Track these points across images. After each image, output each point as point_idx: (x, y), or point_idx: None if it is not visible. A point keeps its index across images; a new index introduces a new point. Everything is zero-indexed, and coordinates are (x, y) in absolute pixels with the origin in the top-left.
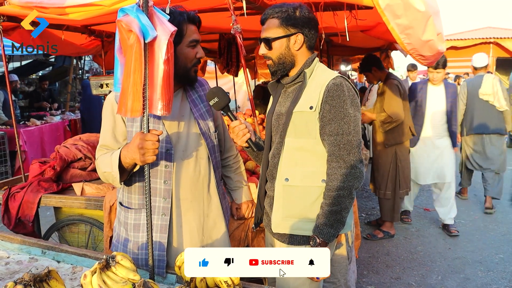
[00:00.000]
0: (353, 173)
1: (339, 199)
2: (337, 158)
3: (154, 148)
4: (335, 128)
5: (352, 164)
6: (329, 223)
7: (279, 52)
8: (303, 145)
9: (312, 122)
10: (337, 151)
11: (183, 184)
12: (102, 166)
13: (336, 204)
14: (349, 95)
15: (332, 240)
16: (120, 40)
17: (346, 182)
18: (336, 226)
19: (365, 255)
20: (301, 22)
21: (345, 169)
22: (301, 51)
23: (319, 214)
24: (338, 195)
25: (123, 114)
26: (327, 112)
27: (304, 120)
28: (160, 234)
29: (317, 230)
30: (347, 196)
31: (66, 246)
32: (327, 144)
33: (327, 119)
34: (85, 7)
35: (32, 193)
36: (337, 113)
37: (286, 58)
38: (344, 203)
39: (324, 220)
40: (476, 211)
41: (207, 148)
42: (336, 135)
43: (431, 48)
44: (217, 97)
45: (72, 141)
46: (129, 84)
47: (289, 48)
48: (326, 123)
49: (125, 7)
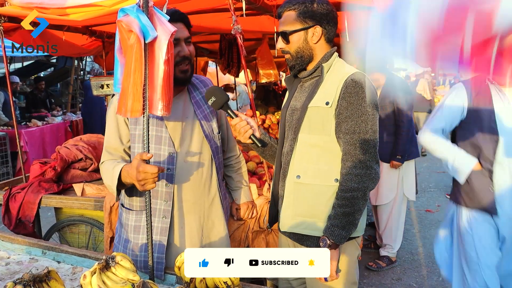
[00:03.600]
0: (368, 174)
1: (352, 200)
2: (352, 158)
3: (153, 177)
4: (352, 126)
5: (367, 165)
6: (341, 224)
7: (296, 46)
8: (317, 141)
9: (328, 118)
10: (353, 150)
11: (185, 186)
12: (104, 176)
13: (349, 206)
14: (368, 93)
15: (343, 242)
16: (120, 40)
17: (360, 183)
18: (348, 228)
19: (366, 257)
20: (319, 15)
21: (360, 169)
22: (320, 44)
23: (331, 215)
24: (352, 196)
25: (123, 114)
26: (344, 109)
27: (319, 116)
28: (160, 237)
29: (328, 231)
30: (361, 197)
31: (66, 247)
32: (343, 143)
33: (344, 116)
34: (86, 7)
35: (33, 193)
36: (354, 111)
37: (304, 51)
38: (358, 204)
39: (336, 222)
40: None
41: (211, 150)
42: (353, 133)
43: None
44: (214, 96)
45: (73, 141)
46: (129, 84)
47: (307, 41)
48: (343, 121)
49: (125, 7)
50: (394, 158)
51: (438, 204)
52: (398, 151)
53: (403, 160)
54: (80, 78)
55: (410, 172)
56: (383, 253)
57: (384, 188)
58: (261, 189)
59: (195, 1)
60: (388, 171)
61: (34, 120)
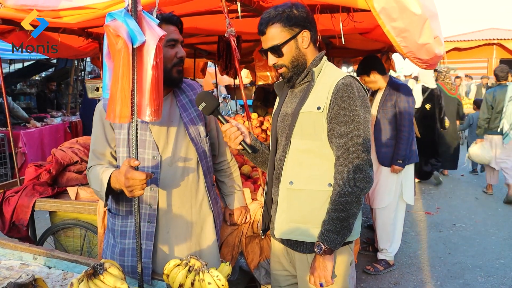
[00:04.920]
0: (362, 178)
1: (346, 205)
2: (345, 162)
3: (142, 184)
4: (344, 130)
5: (361, 169)
6: (336, 230)
7: (291, 56)
8: (310, 147)
9: (320, 123)
10: (346, 155)
11: (170, 190)
12: (92, 182)
13: (344, 210)
14: (359, 96)
15: (338, 248)
16: (108, 45)
17: (354, 188)
18: (342, 233)
19: (364, 260)
20: (302, 19)
21: (354, 173)
22: (310, 48)
23: (325, 220)
24: (346, 201)
25: (112, 120)
26: (336, 113)
27: (311, 121)
28: (146, 241)
29: (322, 236)
30: (355, 202)
31: (57, 252)
32: (335, 147)
33: (336, 120)
34: (79, 10)
35: (27, 197)
36: (346, 115)
37: (299, 59)
38: (352, 209)
39: (330, 227)
40: (477, 215)
41: (197, 154)
42: (345, 137)
43: (428, 51)
44: (205, 101)
45: (69, 144)
46: (117, 90)
47: (299, 48)
48: (335, 125)
49: (113, 12)
50: (395, 163)
51: (437, 206)
52: (399, 155)
53: (404, 165)
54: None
55: (410, 176)
56: (381, 256)
57: (383, 191)
58: (255, 193)
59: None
60: (388, 175)
61: (33, 121)
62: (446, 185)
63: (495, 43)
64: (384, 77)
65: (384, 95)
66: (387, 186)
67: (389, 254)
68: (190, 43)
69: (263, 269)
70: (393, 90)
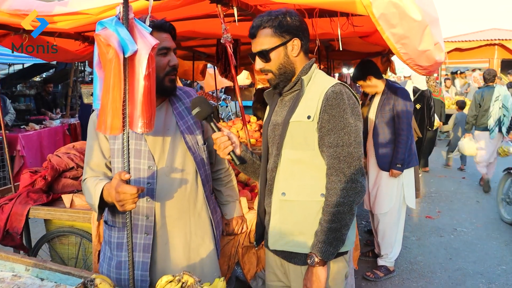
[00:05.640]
0: (354, 187)
1: (339, 215)
2: (337, 172)
3: (133, 198)
4: (335, 139)
5: (353, 178)
6: (328, 241)
7: (278, 63)
8: (301, 157)
9: (310, 132)
10: (337, 164)
11: (167, 201)
12: (86, 195)
13: (336, 221)
14: (350, 104)
15: (331, 259)
16: (99, 54)
17: (346, 198)
18: (335, 244)
19: (364, 266)
20: (295, 27)
21: (346, 183)
22: (299, 57)
23: (318, 231)
24: (338, 211)
25: (103, 131)
26: (326, 122)
27: (301, 131)
28: (143, 254)
29: (315, 248)
30: (348, 212)
31: (50, 263)
32: (326, 157)
33: (326, 129)
34: (73, 15)
35: (21, 205)
36: (336, 123)
37: (287, 67)
38: (345, 219)
39: (323, 238)
40: (478, 219)
41: (194, 163)
42: (336, 146)
43: (428, 58)
44: (199, 106)
45: (65, 149)
46: (108, 101)
47: (288, 55)
48: (325, 134)
49: (103, 20)
50: (394, 167)
51: (438, 210)
52: (398, 159)
53: (402, 169)
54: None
55: (411, 179)
56: (381, 262)
57: (383, 196)
58: (253, 202)
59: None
60: (388, 180)
61: (31, 123)
62: (447, 188)
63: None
64: (381, 81)
65: (382, 99)
66: (388, 191)
67: (390, 260)
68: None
69: (260, 279)
70: (391, 93)
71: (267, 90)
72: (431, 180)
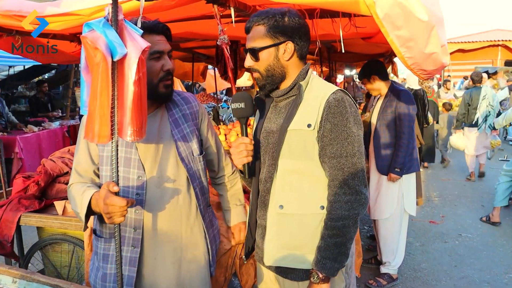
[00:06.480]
0: (359, 199)
1: (344, 229)
2: (340, 183)
3: (122, 211)
4: (338, 149)
5: (357, 190)
6: (333, 256)
7: (267, 64)
8: (300, 167)
9: (311, 142)
10: (341, 176)
11: (157, 213)
12: (71, 202)
13: (341, 235)
14: (351, 112)
15: (336, 275)
16: (86, 57)
17: (351, 210)
18: (340, 259)
19: (366, 273)
20: (291, 29)
21: (350, 195)
22: (292, 61)
23: (321, 246)
24: (343, 225)
25: (90, 139)
26: (329, 131)
27: (301, 140)
28: (128, 267)
29: (319, 264)
30: (352, 225)
31: (38, 275)
32: (329, 168)
33: (329, 139)
34: (64, 16)
35: (12, 212)
36: (339, 133)
37: (275, 69)
38: (349, 233)
39: (327, 253)
40: (484, 224)
41: (188, 174)
42: (339, 157)
43: (435, 61)
44: (245, 103)
45: (60, 153)
46: (96, 107)
47: (278, 58)
48: (327, 144)
49: (90, 22)
50: (392, 171)
51: (442, 215)
52: (397, 163)
53: (401, 173)
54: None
55: (411, 186)
56: (384, 270)
57: (383, 202)
58: None
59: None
60: (388, 184)
61: (30, 125)
62: (451, 192)
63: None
64: (385, 83)
65: (385, 101)
66: (388, 196)
67: (393, 268)
68: (189, 47)
69: None
70: (394, 96)
71: (257, 95)
72: (434, 183)
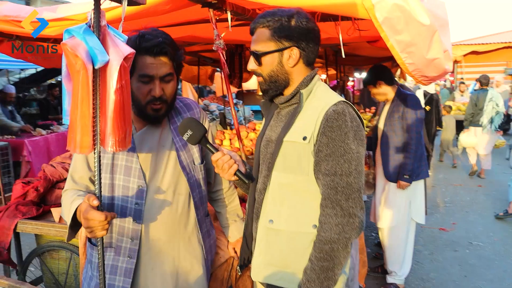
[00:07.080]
0: (351, 222)
1: (332, 253)
2: (332, 204)
3: (102, 225)
4: (333, 166)
5: (350, 212)
6: (319, 280)
7: (270, 69)
8: (293, 181)
9: (305, 155)
10: (333, 195)
11: (156, 223)
12: (62, 209)
13: (328, 260)
14: (352, 126)
15: None
16: (67, 65)
17: (342, 234)
18: (326, 284)
19: (372, 282)
20: (297, 34)
21: (342, 217)
22: (297, 67)
23: (307, 268)
24: (331, 248)
25: (72, 150)
26: (325, 146)
27: (295, 152)
28: (123, 278)
29: (303, 287)
30: (342, 250)
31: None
32: (322, 185)
33: (324, 154)
34: (59, 21)
35: (8, 218)
36: (336, 148)
37: (279, 76)
38: (338, 258)
39: (313, 276)
40: (496, 232)
41: (188, 183)
42: (334, 175)
43: (437, 67)
44: (190, 129)
45: (61, 159)
46: (77, 116)
47: (282, 64)
48: (322, 160)
49: (71, 28)
50: (402, 178)
51: (453, 222)
52: (406, 170)
53: (411, 180)
54: None
55: (419, 193)
56: (390, 280)
57: (390, 209)
58: None
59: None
60: (395, 192)
61: (38, 129)
62: (463, 198)
63: None
64: (392, 88)
65: (391, 106)
66: (395, 203)
67: (399, 278)
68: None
69: None
70: (401, 101)
71: (263, 101)
72: (445, 189)
